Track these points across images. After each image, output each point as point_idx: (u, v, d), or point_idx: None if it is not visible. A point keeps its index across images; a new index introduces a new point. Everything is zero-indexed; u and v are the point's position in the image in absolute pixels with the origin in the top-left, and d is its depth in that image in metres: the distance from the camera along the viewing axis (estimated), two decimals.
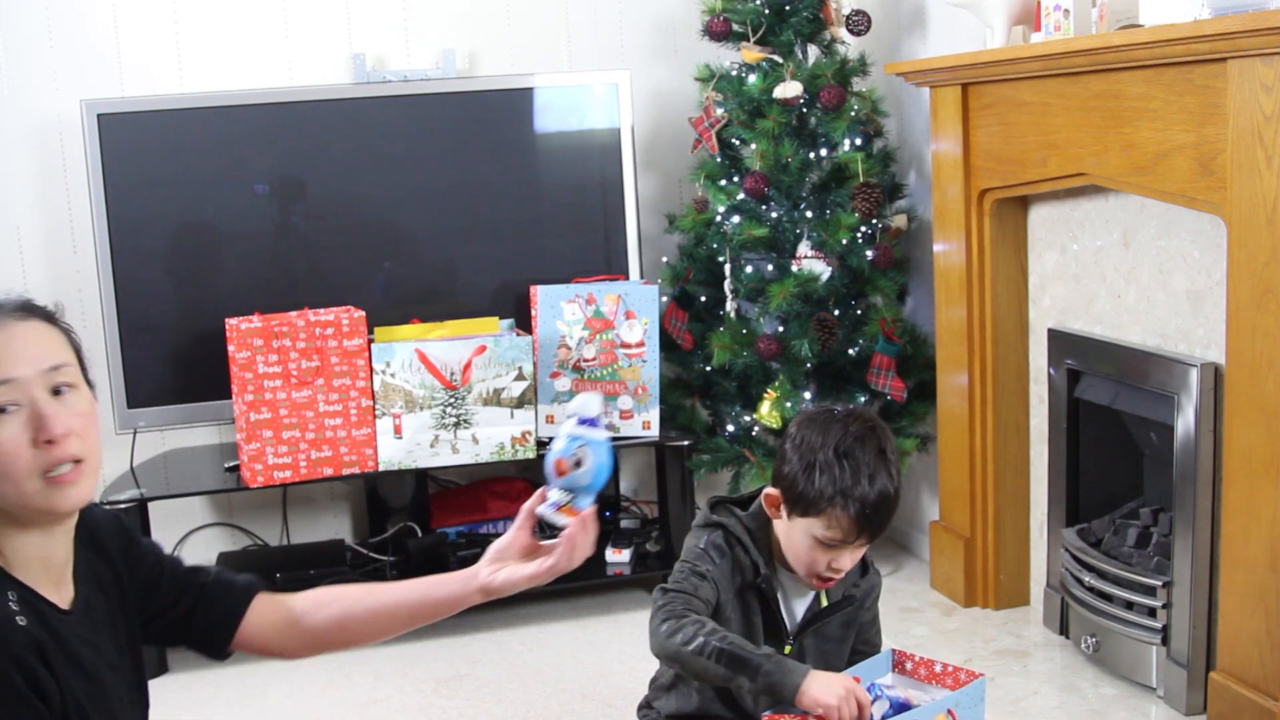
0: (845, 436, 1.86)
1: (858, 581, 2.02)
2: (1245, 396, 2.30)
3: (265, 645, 1.68)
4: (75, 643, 1.43)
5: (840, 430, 1.88)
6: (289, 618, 1.67)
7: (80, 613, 1.48)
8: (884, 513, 1.86)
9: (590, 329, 3.31)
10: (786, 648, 1.96)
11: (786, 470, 1.89)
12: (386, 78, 3.49)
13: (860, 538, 1.86)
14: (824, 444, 1.87)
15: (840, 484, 1.83)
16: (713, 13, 3.41)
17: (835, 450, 1.85)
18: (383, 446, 3.16)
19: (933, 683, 1.96)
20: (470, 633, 3.25)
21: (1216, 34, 2.17)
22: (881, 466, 1.85)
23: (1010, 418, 3.14)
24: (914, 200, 3.57)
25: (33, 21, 3.40)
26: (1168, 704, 2.62)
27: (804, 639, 1.99)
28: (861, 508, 1.84)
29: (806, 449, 1.88)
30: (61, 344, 1.47)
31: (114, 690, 1.49)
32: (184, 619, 1.62)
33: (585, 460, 1.58)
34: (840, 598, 2.00)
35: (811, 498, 1.85)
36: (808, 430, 1.90)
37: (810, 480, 1.85)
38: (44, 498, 1.38)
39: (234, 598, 1.64)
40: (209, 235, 3.36)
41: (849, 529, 1.85)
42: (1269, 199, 2.18)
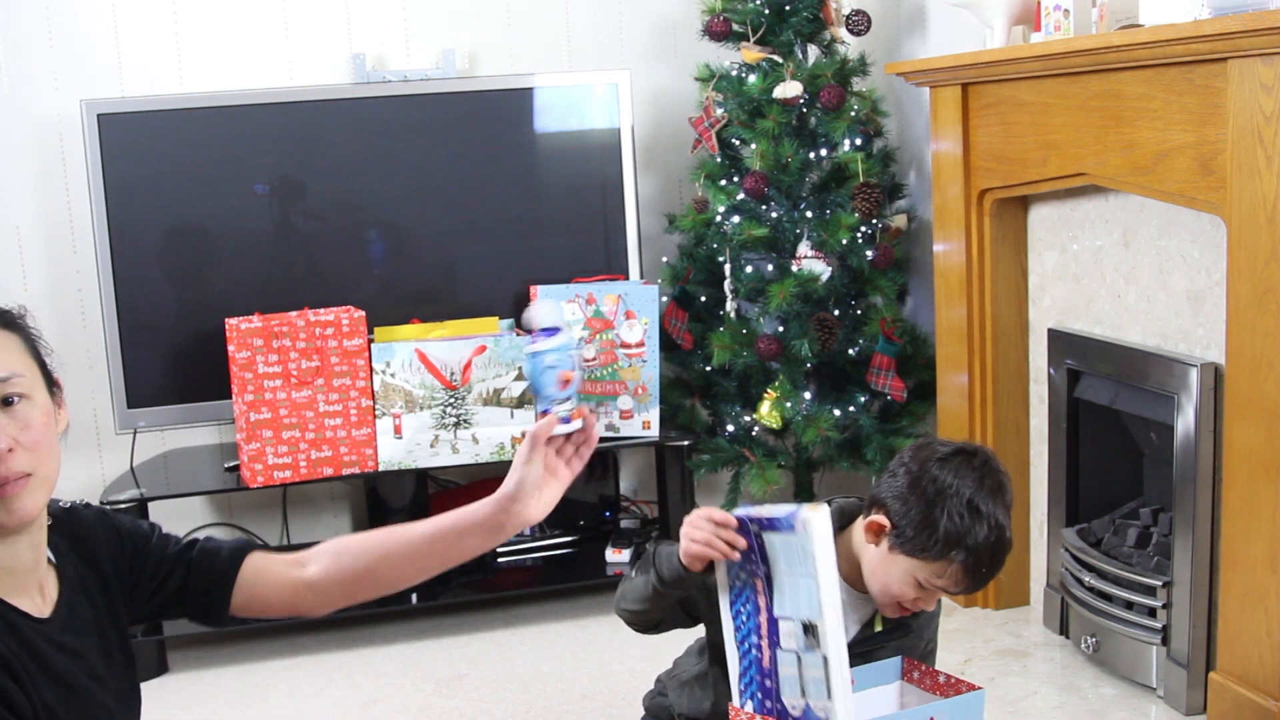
0: (981, 488, 1.78)
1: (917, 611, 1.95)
2: (1245, 396, 2.30)
3: (278, 605, 1.65)
4: (50, 650, 1.41)
5: (975, 479, 1.79)
6: (299, 577, 1.64)
7: (61, 619, 1.46)
8: (997, 563, 1.81)
9: (590, 329, 3.31)
10: None
11: (903, 506, 1.81)
12: (386, 78, 3.49)
13: (970, 588, 1.82)
14: (956, 490, 1.78)
15: (966, 537, 1.76)
16: (713, 13, 3.41)
17: (968, 501, 1.77)
18: (383, 446, 3.16)
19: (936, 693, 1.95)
20: (470, 633, 3.25)
21: (1216, 34, 2.17)
22: (1006, 519, 1.79)
23: (1010, 418, 3.14)
24: (914, 200, 3.57)
25: (33, 21, 3.40)
26: (1168, 704, 2.62)
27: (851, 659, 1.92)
28: (978, 563, 1.78)
29: (934, 490, 1.79)
30: (16, 351, 1.44)
31: (96, 699, 1.47)
32: (180, 593, 1.60)
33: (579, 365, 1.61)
34: (895, 624, 1.94)
35: (928, 543, 1.78)
36: (939, 470, 1.80)
37: (932, 525, 1.77)
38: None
39: (224, 561, 1.62)
40: (209, 235, 3.36)
41: (959, 580, 1.80)
42: (1269, 199, 2.18)
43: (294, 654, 3.18)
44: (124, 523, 1.59)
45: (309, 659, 3.15)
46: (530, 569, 3.50)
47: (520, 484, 1.62)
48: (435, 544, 1.67)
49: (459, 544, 1.67)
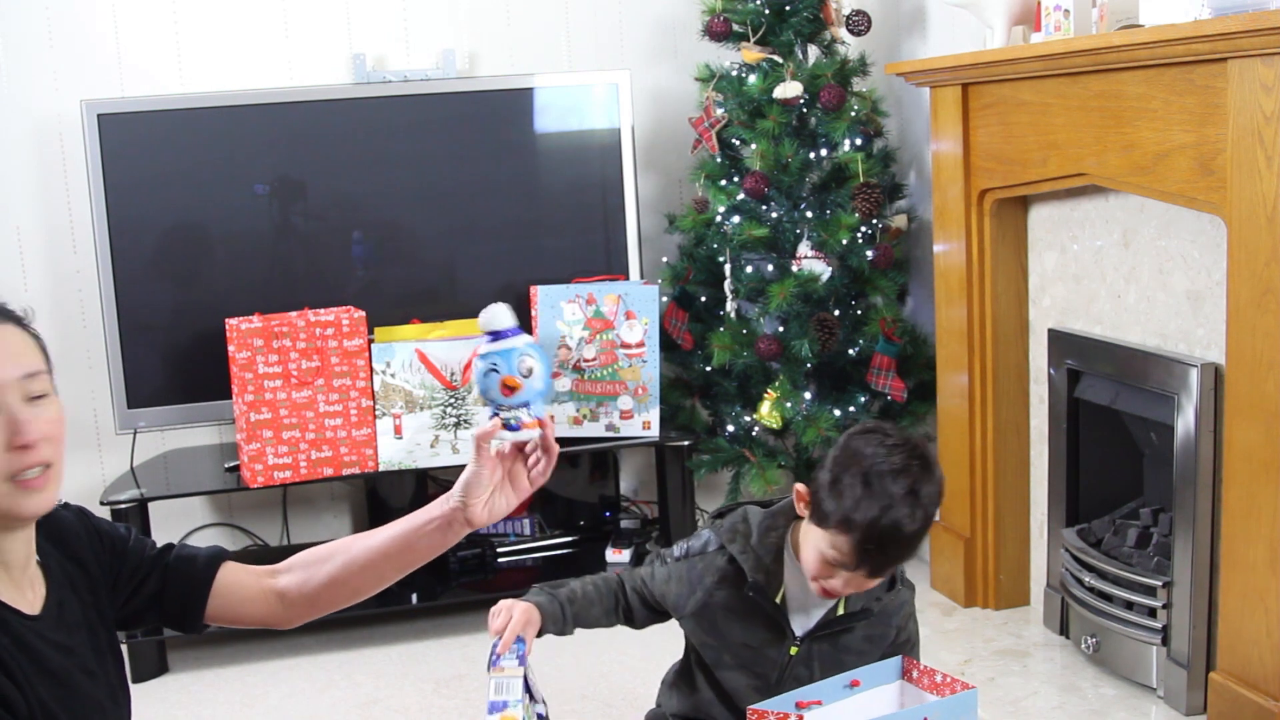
0: (882, 462, 1.76)
1: (880, 595, 1.94)
2: (1245, 396, 2.30)
3: (249, 616, 1.67)
4: (43, 647, 1.41)
5: (882, 455, 1.77)
6: (270, 586, 1.66)
7: (52, 616, 1.46)
8: (889, 552, 1.77)
9: (590, 329, 3.31)
10: (793, 649, 1.92)
11: (819, 474, 1.82)
12: (386, 78, 3.49)
13: (859, 568, 1.78)
14: (858, 462, 1.77)
15: (854, 509, 1.74)
16: (713, 13, 3.41)
17: (865, 473, 1.75)
18: (383, 446, 3.16)
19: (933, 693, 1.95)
20: (470, 633, 3.25)
21: (1216, 34, 2.17)
22: (905, 505, 1.74)
23: (1010, 418, 3.14)
24: (914, 200, 3.57)
25: (33, 21, 3.40)
26: (1168, 704, 2.62)
27: (815, 644, 1.93)
28: (864, 539, 1.75)
29: (842, 461, 1.79)
30: (35, 350, 1.47)
31: (89, 694, 1.47)
32: (155, 598, 1.60)
33: (534, 367, 1.53)
34: (859, 609, 1.93)
35: (825, 511, 1.78)
36: (855, 441, 1.81)
37: (831, 493, 1.77)
38: (11, 500, 1.38)
39: (200, 568, 1.62)
40: (209, 235, 3.36)
41: (848, 555, 1.77)
42: (1269, 199, 2.18)
43: (294, 654, 3.18)
44: (102, 524, 1.60)
45: (309, 659, 3.15)
46: (530, 569, 3.50)
47: (465, 485, 1.61)
48: (394, 545, 1.66)
49: (415, 545, 1.66)
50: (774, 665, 1.93)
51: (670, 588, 1.98)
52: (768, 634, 1.94)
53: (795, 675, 1.92)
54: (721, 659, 1.96)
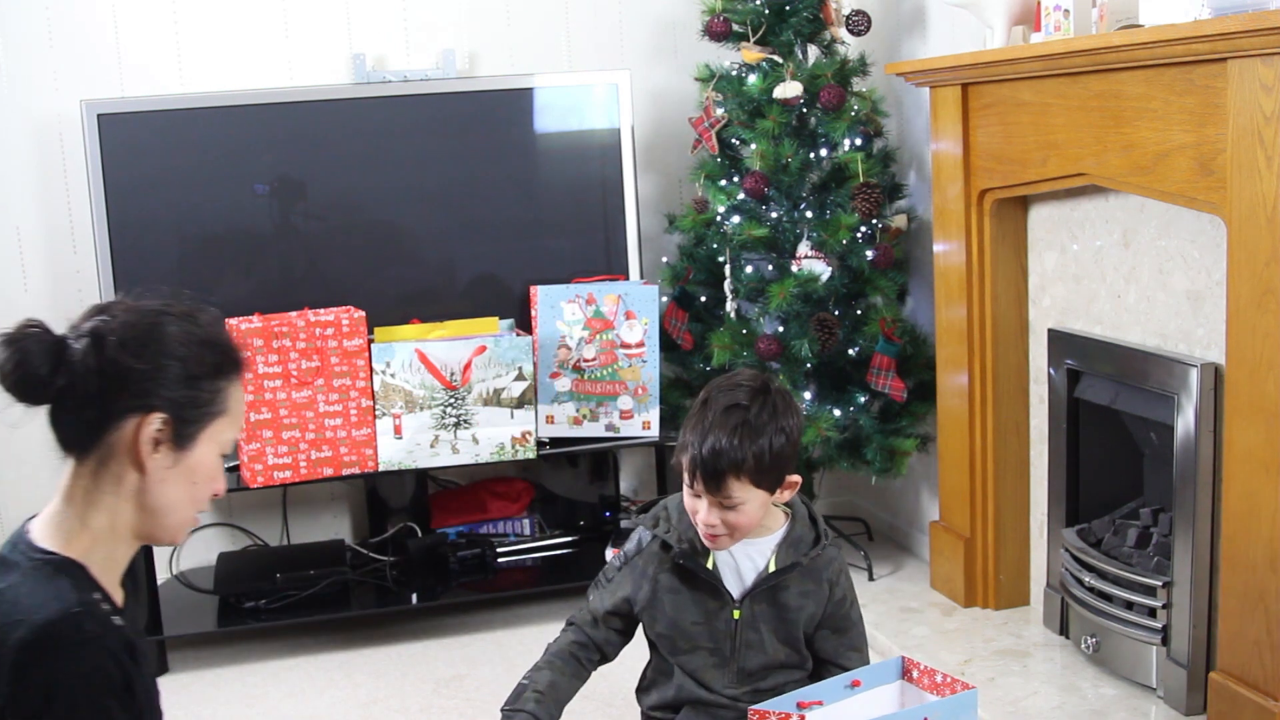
0: (717, 393, 1.92)
1: (808, 551, 2.00)
2: (1245, 396, 2.30)
3: None
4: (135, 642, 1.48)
5: (723, 382, 1.95)
6: None
7: (132, 614, 1.53)
8: (714, 468, 1.86)
9: (590, 329, 3.31)
10: (735, 612, 1.99)
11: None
12: (386, 78, 3.49)
13: (696, 483, 1.89)
14: (700, 398, 1.94)
15: (690, 433, 1.90)
16: (713, 13, 3.41)
17: (701, 402, 1.93)
18: (383, 446, 3.16)
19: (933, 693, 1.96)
20: (470, 633, 3.25)
21: (1216, 34, 2.17)
22: (726, 425, 1.86)
23: (1010, 418, 3.14)
24: (914, 200, 3.57)
25: (33, 21, 3.40)
26: (1168, 704, 2.62)
27: (755, 605, 1.99)
28: (694, 455, 1.87)
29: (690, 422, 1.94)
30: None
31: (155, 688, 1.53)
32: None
33: None
34: (789, 564, 1.99)
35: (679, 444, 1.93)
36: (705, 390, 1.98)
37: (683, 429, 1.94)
38: (184, 530, 1.51)
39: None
40: (209, 235, 3.36)
41: (690, 475, 1.90)
42: (1269, 199, 2.18)
43: (294, 654, 3.18)
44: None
45: (309, 659, 3.15)
46: (530, 569, 3.50)
47: None
48: None
49: None
50: (724, 635, 1.99)
51: (620, 594, 2.05)
52: (711, 602, 2.00)
53: (746, 641, 1.99)
54: (678, 645, 2.02)
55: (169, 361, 1.43)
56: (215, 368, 1.47)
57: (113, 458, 1.43)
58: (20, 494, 3.52)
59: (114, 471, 1.43)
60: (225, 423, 1.49)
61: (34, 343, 1.40)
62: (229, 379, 1.49)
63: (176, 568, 3.58)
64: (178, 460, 1.45)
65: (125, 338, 1.41)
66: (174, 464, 1.45)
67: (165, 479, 1.45)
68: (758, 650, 1.99)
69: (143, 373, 1.41)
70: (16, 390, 1.41)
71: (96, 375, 1.40)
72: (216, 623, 3.24)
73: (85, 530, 1.44)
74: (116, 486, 1.44)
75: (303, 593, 3.28)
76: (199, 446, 1.46)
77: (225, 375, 1.48)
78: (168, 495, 1.46)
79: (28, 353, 1.39)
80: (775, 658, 2.00)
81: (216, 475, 1.50)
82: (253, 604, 3.24)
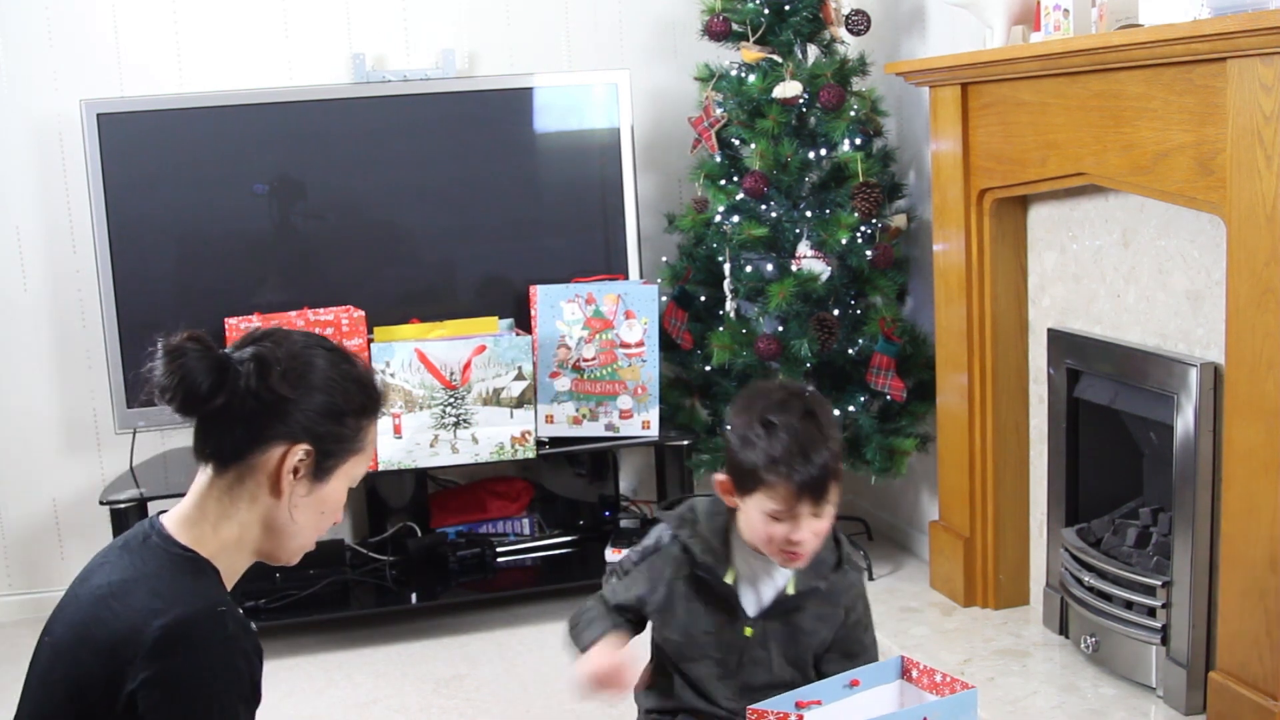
0: (769, 406, 1.86)
1: (827, 575, 1.97)
2: (1245, 396, 2.30)
3: None
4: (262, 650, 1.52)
5: (763, 402, 1.88)
6: None
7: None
8: (822, 480, 1.82)
9: (590, 329, 3.31)
10: (747, 630, 1.96)
11: (727, 454, 1.91)
12: (386, 77, 3.49)
13: (801, 504, 1.82)
14: (750, 418, 1.86)
15: (769, 452, 1.82)
16: (712, 13, 3.41)
17: (760, 421, 1.84)
18: (382, 446, 3.16)
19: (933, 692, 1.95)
20: (470, 633, 3.25)
21: (1216, 34, 2.17)
22: (808, 430, 1.82)
23: (1010, 418, 3.14)
24: (914, 200, 3.57)
25: (33, 21, 3.40)
26: (1167, 704, 2.62)
27: (769, 624, 1.96)
28: (790, 472, 1.81)
29: (737, 426, 1.88)
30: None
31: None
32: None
33: None
34: (808, 589, 1.96)
35: (747, 473, 1.84)
36: (737, 409, 1.91)
37: (744, 456, 1.84)
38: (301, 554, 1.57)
39: None
40: (209, 235, 3.36)
41: (788, 496, 1.82)
42: (1268, 199, 2.18)
43: (294, 654, 3.18)
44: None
45: (309, 659, 3.15)
46: (530, 569, 3.50)
47: None
48: None
49: None
50: (733, 649, 1.97)
51: (634, 592, 2.01)
52: (723, 616, 1.97)
53: (754, 657, 1.97)
54: (685, 652, 1.99)
55: (322, 396, 1.49)
56: (361, 406, 1.52)
57: (251, 477, 1.48)
58: (19, 494, 3.52)
59: (250, 490, 1.48)
60: (360, 459, 1.55)
61: (197, 359, 1.45)
62: (370, 418, 1.55)
63: None
64: (312, 490, 1.51)
65: (288, 368, 1.47)
66: (308, 493, 1.51)
67: (297, 505, 1.50)
68: (764, 668, 1.97)
69: (300, 405, 1.47)
70: (174, 402, 1.46)
71: (255, 400, 1.45)
72: None
73: (215, 537, 1.49)
74: (250, 504, 1.49)
75: (302, 592, 3.28)
76: (334, 480, 1.52)
77: (368, 414, 1.54)
78: (296, 521, 1.52)
79: (190, 369, 1.45)
80: (780, 677, 1.97)
81: (341, 506, 1.57)
82: (252, 604, 3.24)
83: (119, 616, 1.38)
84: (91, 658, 1.38)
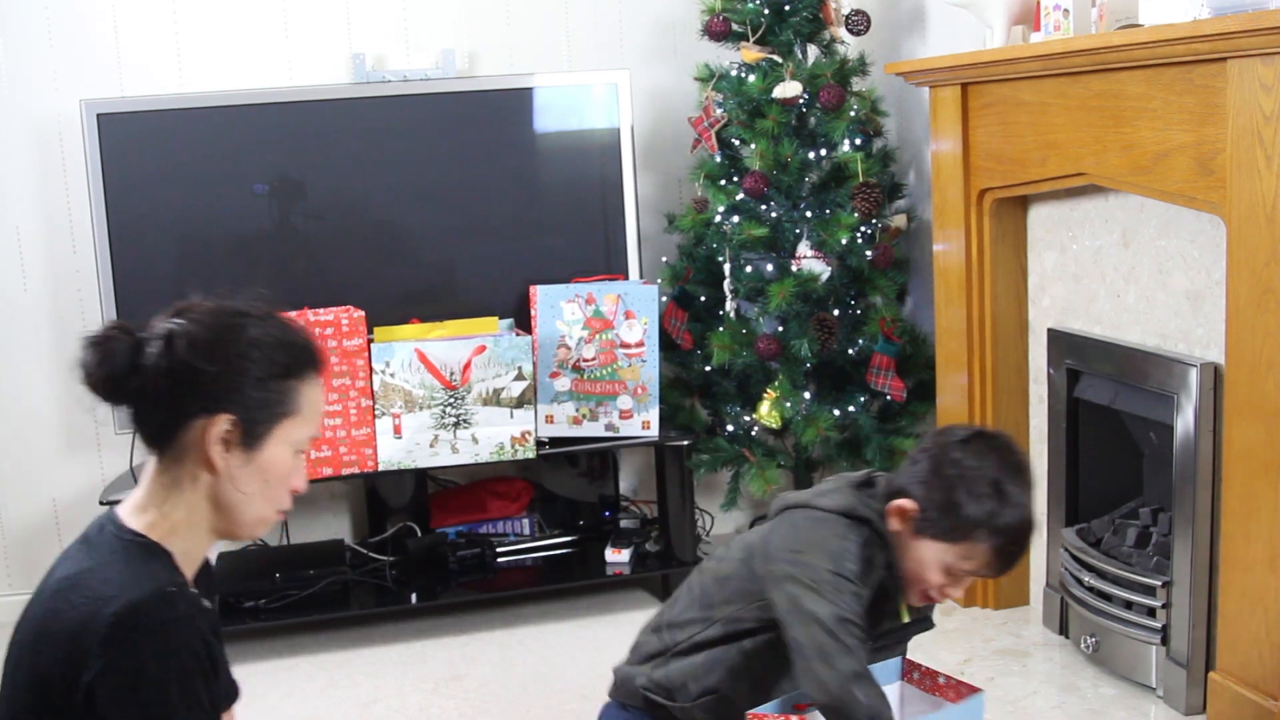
0: (1003, 469, 1.79)
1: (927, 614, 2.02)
2: (1245, 396, 2.30)
3: None
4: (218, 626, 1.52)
5: (997, 460, 1.80)
6: None
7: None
8: (1023, 550, 1.81)
9: (590, 329, 3.31)
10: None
11: (927, 490, 1.82)
12: (386, 77, 3.49)
13: (994, 571, 1.81)
14: (979, 472, 1.79)
15: (993, 518, 1.77)
16: (712, 13, 3.41)
17: (992, 481, 1.78)
18: (382, 446, 3.16)
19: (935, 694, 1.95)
20: (470, 633, 3.25)
21: (1216, 34, 2.17)
22: (1029, 513, 1.78)
23: (1010, 418, 3.14)
24: (914, 200, 3.57)
25: (33, 21, 3.40)
26: (1167, 704, 2.62)
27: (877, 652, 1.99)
28: (1005, 542, 1.78)
29: (957, 473, 1.80)
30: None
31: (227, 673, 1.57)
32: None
33: None
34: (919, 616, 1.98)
35: (960, 523, 1.79)
36: (960, 453, 1.82)
37: (957, 507, 1.79)
38: (264, 526, 1.55)
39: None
40: (209, 235, 3.36)
41: (987, 562, 1.80)
42: (1268, 199, 2.18)
43: (294, 654, 3.18)
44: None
45: (309, 659, 3.15)
46: (530, 569, 3.50)
47: None
48: None
49: None
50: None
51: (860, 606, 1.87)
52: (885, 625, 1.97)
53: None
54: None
55: (238, 363, 1.46)
56: (286, 369, 1.49)
57: (186, 456, 1.47)
58: (19, 494, 3.52)
59: (189, 469, 1.48)
60: (297, 422, 1.51)
61: (116, 344, 1.45)
62: (302, 379, 1.51)
63: None
64: (249, 460, 1.48)
65: (196, 340, 1.45)
66: (245, 463, 1.48)
67: (237, 478, 1.48)
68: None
69: (211, 375, 1.45)
70: (98, 389, 1.46)
71: (166, 376, 1.44)
72: None
73: (166, 521, 1.48)
74: (193, 484, 1.48)
75: (302, 592, 3.28)
76: (270, 446, 1.49)
77: (297, 376, 1.51)
78: (243, 493, 1.49)
79: (109, 354, 1.44)
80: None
81: (292, 473, 1.53)
82: (252, 604, 3.24)
83: (75, 607, 1.39)
84: (51, 651, 1.39)
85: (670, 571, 3.36)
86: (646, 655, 2.08)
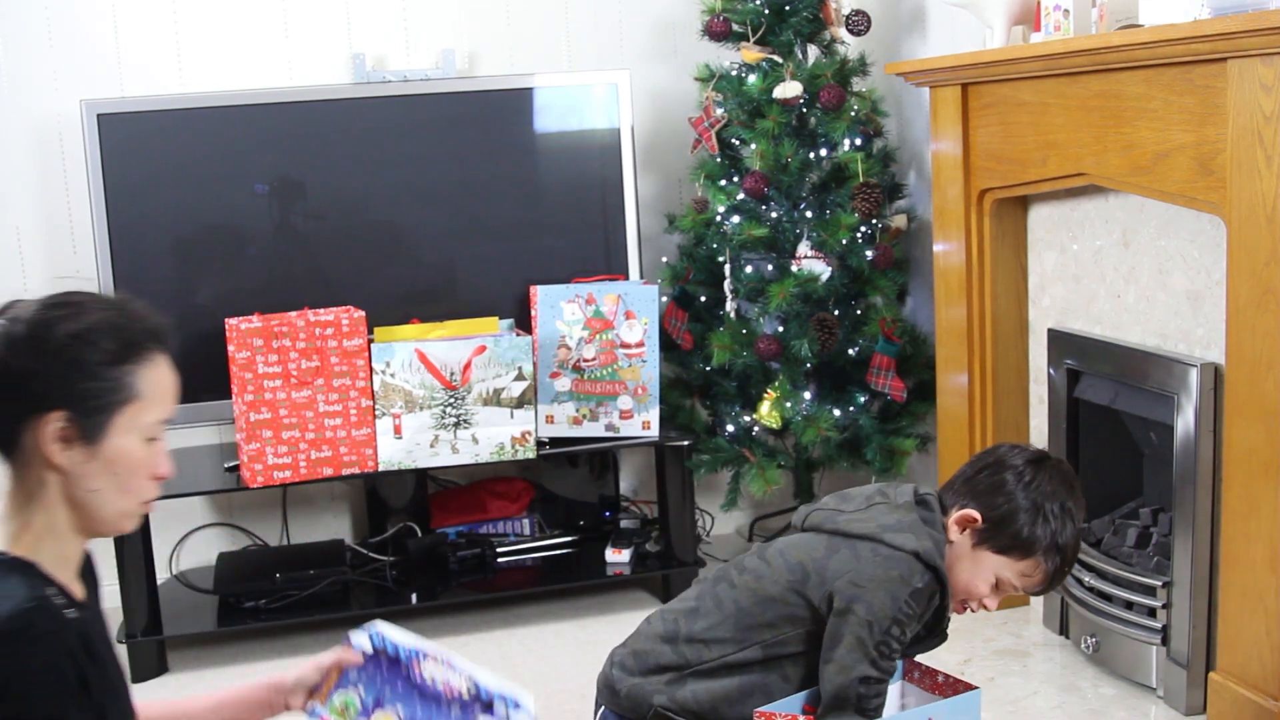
0: (1071, 494, 1.93)
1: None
2: (1245, 396, 2.30)
3: None
4: (95, 638, 1.47)
5: (1065, 485, 1.94)
6: None
7: (93, 610, 1.52)
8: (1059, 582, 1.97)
9: (590, 329, 3.31)
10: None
11: (1004, 503, 1.92)
12: (386, 77, 3.49)
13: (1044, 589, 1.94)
14: (1055, 494, 1.92)
15: (1059, 541, 1.89)
16: (713, 13, 3.41)
17: (1063, 505, 1.91)
18: (383, 446, 3.16)
19: (935, 693, 1.96)
20: (470, 633, 3.25)
21: (1216, 34, 2.17)
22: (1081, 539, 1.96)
23: (1010, 418, 3.14)
24: (914, 200, 3.57)
25: (33, 21, 3.40)
26: (1167, 704, 2.62)
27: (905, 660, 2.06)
28: (1062, 563, 1.91)
29: (1037, 491, 1.92)
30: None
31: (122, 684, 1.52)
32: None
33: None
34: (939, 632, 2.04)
35: (1024, 540, 1.90)
36: (1040, 473, 1.94)
37: (1032, 524, 1.90)
38: (131, 520, 1.50)
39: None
40: (209, 235, 3.36)
41: (1040, 581, 1.93)
42: (1269, 199, 2.18)
43: (294, 654, 3.18)
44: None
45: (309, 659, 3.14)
46: (530, 569, 3.50)
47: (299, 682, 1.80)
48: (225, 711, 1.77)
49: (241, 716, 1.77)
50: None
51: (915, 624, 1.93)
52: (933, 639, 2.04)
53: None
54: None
55: (60, 357, 1.40)
56: (115, 355, 1.42)
57: (33, 461, 1.42)
58: None
59: (37, 473, 1.43)
60: (140, 407, 1.44)
61: None
62: (135, 363, 1.44)
63: (176, 568, 3.58)
64: (92, 455, 1.42)
65: (15, 339, 1.39)
66: (89, 459, 1.42)
67: (83, 475, 1.43)
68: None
69: (33, 372, 1.39)
70: None
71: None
72: (216, 623, 3.24)
73: (29, 531, 1.44)
74: (43, 487, 1.43)
75: (303, 593, 3.28)
76: (114, 437, 1.43)
77: (132, 360, 1.44)
78: (92, 490, 1.44)
79: None
80: None
81: (146, 461, 1.47)
82: (253, 604, 3.24)
83: None
84: None
85: (670, 572, 3.36)
86: (656, 667, 1.99)
